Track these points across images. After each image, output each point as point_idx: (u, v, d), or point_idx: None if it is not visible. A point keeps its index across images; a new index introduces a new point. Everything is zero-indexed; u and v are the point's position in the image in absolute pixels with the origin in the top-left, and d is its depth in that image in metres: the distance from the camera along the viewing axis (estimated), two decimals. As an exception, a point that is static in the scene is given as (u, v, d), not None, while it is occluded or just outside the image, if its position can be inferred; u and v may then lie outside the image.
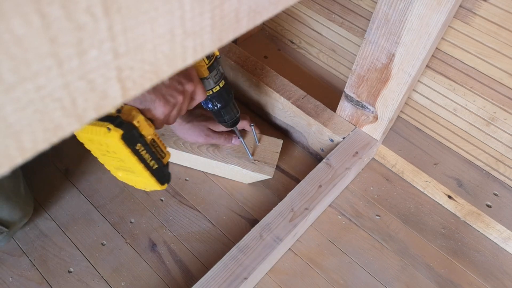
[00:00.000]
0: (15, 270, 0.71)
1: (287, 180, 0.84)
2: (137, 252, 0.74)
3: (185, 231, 0.77)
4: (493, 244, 0.79)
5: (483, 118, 0.77)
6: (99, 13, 0.14)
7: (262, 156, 0.80)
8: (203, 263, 0.73)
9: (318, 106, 0.86)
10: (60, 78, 0.14)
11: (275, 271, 0.72)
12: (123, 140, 0.49)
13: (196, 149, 0.80)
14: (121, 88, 0.17)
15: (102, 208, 0.79)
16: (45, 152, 0.74)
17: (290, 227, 0.69)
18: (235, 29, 0.20)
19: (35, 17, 0.12)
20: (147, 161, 0.53)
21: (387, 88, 0.73)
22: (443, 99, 0.81)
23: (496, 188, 0.81)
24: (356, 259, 0.75)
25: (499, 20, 0.65)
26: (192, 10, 0.17)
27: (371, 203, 0.82)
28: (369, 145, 0.81)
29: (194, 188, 0.83)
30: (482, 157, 0.83)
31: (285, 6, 0.22)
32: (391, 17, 0.64)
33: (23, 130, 0.14)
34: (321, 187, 0.74)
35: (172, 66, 0.18)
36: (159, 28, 0.16)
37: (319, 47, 1.02)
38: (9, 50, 0.13)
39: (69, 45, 0.14)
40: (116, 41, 0.15)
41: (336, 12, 0.92)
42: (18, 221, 0.70)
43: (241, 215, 0.80)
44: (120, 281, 0.71)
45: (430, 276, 0.74)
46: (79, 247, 0.74)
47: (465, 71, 0.74)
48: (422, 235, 0.79)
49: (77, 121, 0.16)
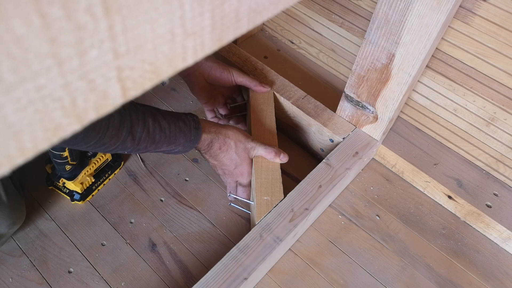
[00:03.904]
0: (15, 270, 0.71)
1: (287, 180, 0.84)
2: (137, 252, 0.74)
3: (185, 231, 0.77)
4: (493, 244, 0.79)
5: (483, 118, 0.77)
6: (99, 13, 0.14)
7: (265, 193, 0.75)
8: (203, 263, 0.73)
9: (318, 106, 0.86)
10: (60, 78, 0.14)
11: (275, 271, 0.72)
12: None
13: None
14: (121, 88, 0.17)
15: (102, 208, 0.79)
16: (45, 152, 0.74)
17: (290, 227, 0.69)
18: (235, 29, 0.20)
19: (35, 17, 0.12)
20: None
21: (387, 88, 0.73)
22: (443, 99, 0.81)
23: (496, 188, 0.81)
24: (356, 259, 0.75)
25: (499, 20, 0.65)
26: (192, 10, 0.17)
27: (371, 203, 0.82)
28: (369, 145, 0.81)
29: (194, 188, 0.83)
30: (482, 157, 0.83)
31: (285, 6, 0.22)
32: (391, 17, 0.64)
33: (23, 130, 0.14)
34: (321, 187, 0.74)
35: (172, 66, 0.18)
36: (159, 28, 0.16)
37: (319, 47, 1.02)
38: (9, 50, 0.13)
39: (69, 45, 0.14)
40: (116, 41, 0.15)
41: (336, 12, 0.92)
42: (7, 229, 0.68)
43: (241, 215, 0.80)
44: (120, 281, 0.71)
45: (430, 276, 0.74)
46: (79, 247, 0.74)
47: (465, 71, 0.74)
48: (422, 235, 0.79)
49: (77, 121, 0.16)
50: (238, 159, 0.73)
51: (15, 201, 0.69)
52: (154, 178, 0.83)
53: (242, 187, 0.76)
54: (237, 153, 0.73)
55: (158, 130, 0.62)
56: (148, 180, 0.83)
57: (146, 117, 0.60)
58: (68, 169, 0.74)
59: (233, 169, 0.74)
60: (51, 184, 0.79)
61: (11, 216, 0.68)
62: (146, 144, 0.61)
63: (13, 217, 0.68)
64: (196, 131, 0.67)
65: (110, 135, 0.56)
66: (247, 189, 0.77)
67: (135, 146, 0.60)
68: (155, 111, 0.63)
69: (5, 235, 0.69)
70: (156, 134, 0.62)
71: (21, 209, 0.71)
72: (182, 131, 0.65)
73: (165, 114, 0.64)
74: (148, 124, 0.60)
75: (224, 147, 0.71)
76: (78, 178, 0.76)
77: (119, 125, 0.56)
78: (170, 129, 0.63)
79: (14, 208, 0.69)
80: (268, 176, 0.74)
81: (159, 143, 0.63)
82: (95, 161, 0.78)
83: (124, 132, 0.57)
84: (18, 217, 0.70)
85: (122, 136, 0.57)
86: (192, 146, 0.68)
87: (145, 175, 0.84)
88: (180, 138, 0.65)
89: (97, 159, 0.78)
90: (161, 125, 0.62)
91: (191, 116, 0.68)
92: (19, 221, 0.70)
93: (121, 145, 0.58)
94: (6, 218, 0.67)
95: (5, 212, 0.67)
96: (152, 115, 0.62)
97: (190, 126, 0.67)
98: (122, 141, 0.58)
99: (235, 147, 0.72)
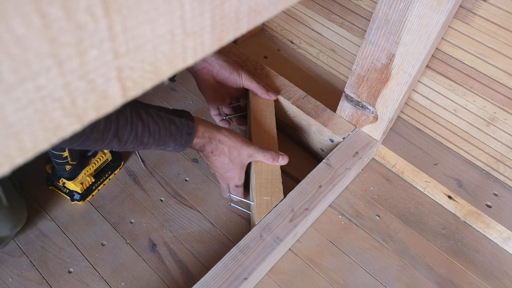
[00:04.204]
0: (15, 270, 0.70)
1: (287, 180, 0.84)
2: (137, 252, 0.74)
3: (185, 231, 0.77)
4: (493, 244, 0.79)
5: (483, 118, 0.77)
6: (99, 13, 0.14)
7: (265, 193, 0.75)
8: (203, 263, 0.73)
9: (318, 106, 0.86)
10: (60, 78, 0.14)
11: (275, 271, 0.72)
12: None
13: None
14: (121, 88, 0.17)
15: (102, 208, 0.79)
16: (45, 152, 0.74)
17: (290, 227, 0.69)
18: (235, 29, 0.20)
19: (35, 17, 0.12)
20: None
21: (387, 88, 0.73)
22: (443, 99, 0.81)
23: (496, 188, 0.81)
24: (356, 259, 0.75)
25: (499, 20, 0.65)
26: (192, 10, 0.17)
27: (371, 203, 0.82)
28: (369, 145, 0.81)
29: (194, 188, 0.83)
30: (482, 157, 0.83)
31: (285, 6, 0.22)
32: (391, 17, 0.64)
33: (23, 130, 0.14)
34: (321, 187, 0.74)
35: (172, 66, 0.18)
36: (159, 28, 0.16)
37: (319, 47, 1.02)
38: (9, 50, 0.13)
39: (69, 45, 0.14)
40: (116, 41, 0.15)
41: (336, 12, 0.92)
42: (9, 231, 0.68)
43: (241, 215, 0.80)
44: (120, 281, 0.71)
45: (430, 276, 0.74)
46: (79, 247, 0.74)
47: (465, 71, 0.74)
48: (422, 235, 0.79)
49: (77, 121, 0.16)
50: (230, 164, 0.73)
51: (16, 203, 0.69)
52: (154, 178, 0.83)
53: (235, 187, 0.77)
54: (230, 159, 0.72)
55: (147, 134, 0.61)
56: (148, 180, 0.83)
57: (135, 121, 0.60)
58: (68, 169, 0.74)
59: (224, 173, 0.74)
60: (51, 184, 0.79)
61: (12, 218, 0.68)
62: (133, 145, 0.61)
63: (15, 219, 0.68)
64: (188, 136, 0.66)
65: (94, 138, 0.55)
66: (239, 189, 0.77)
67: (122, 147, 0.60)
68: (146, 113, 0.62)
69: (8, 237, 0.69)
70: (145, 138, 0.61)
71: (22, 210, 0.71)
72: (172, 136, 0.64)
73: (157, 117, 0.63)
74: (137, 128, 0.60)
75: (216, 152, 0.71)
76: (78, 178, 0.76)
77: (104, 129, 0.56)
78: (160, 133, 0.63)
79: (15, 210, 0.68)
80: (268, 177, 0.74)
81: (147, 144, 0.63)
82: (95, 161, 0.78)
83: (109, 135, 0.57)
84: (20, 219, 0.70)
85: (107, 139, 0.57)
86: (182, 149, 0.68)
87: (145, 175, 0.84)
88: (170, 142, 0.65)
89: (97, 159, 0.78)
90: (150, 129, 0.62)
91: (185, 120, 0.67)
92: (21, 223, 0.70)
93: (106, 146, 0.59)
94: (7, 221, 0.67)
95: (6, 214, 0.66)
96: (142, 119, 0.61)
97: (182, 131, 0.66)
98: (108, 143, 0.58)
99: (228, 153, 0.71)
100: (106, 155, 0.80)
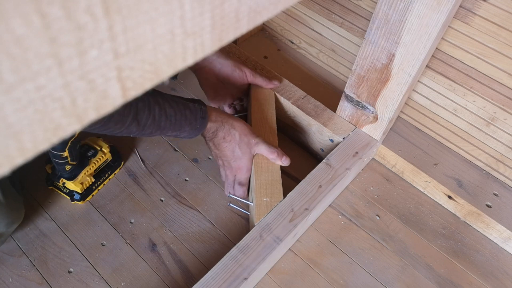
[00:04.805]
0: (15, 270, 0.70)
1: (287, 180, 0.84)
2: (137, 252, 0.74)
3: (185, 231, 0.77)
4: (493, 244, 0.79)
5: (483, 118, 0.77)
6: (99, 13, 0.14)
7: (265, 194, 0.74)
8: (203, 263, 0.73)
9: (318, 106, 0.86)
10: (60, 78, 0.14)
11: (275, 271, 0.72)
12: None
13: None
14: (121, 88, 0.17)
15: (102, 208, 0.79)
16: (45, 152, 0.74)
17: (290, 227, 0.69)
18: (235, 29, 0.20)
19: (35, 17, 0.12)
20: None
21: (387, 88, 0.73)
22: (443, 99, 0.81)
23: (496, 188, 0.81)
24: (356, 259, 0.75)
25: (499, 20, 0.65)
26: (192, 10, 0.17)
27: (371, 203, 0.82)
28: (369, 145, 0.81)
29: (194, 188, 0.83)
30: (482, 157, 0.82)
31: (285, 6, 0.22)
32: (391, 17, 0.64)
33: (23, 130, 0.14)
34: (321, 187, 0.74)
35: (172, 66, 0.18)
36: (159, 28, 0.16)
37: (319, 47, 1.02)
38: (9, 50, 0.13)
39: (69, 45, 0.14)
40: (116, 41, 0.15)
41: (336, 12, 0.92)
42: (5, 228, 0.68)
43: (241, 215, 0.80)
44: (120, 281, 0.71)
45: (430, 276, 0.74)
46: (79, 247, 0.74)
47: (465, 71, 0.74)
48: (422, 235, 0.79)
49: (77, 121, 0.16)
50: (240, 152, 0.74)
51: (13, 200, 0.69)
52: (154, 178, 0.83)
53: (239, 185, 0.76)
54: (240, 146, 0.74)
55: (164, 118, 0.64)
56: (148, 180, 0.83)
57: (153, 105, 0.63)
58: (68, 169, 0.74)
59: (233, 162, 0.75)
60: (51, 184, 0.79)
61: (9, 215, 0.67)
62: (151, 130, 0.64)
63: (11, 216, 0.68)
64: (202, 120, 0.69)
65: (115, 120, 0.58)
66: (244, 188, 0.77)
67: (140, 131, 0.63)
68: (162, 98, 0.65)
69: (4, 234, 0.69)
70: (162, 122, 0.64)
71: (19, 208, 0.71)
72: (187, 120, 0.67)
73: (172, 102, 0.66)
74: (154, 111, 0.63)
75: (228, 137, 0.73)
76: (78, 178, 0.76)
77: (124, 112, 0.59)
78: (176, 117, 0.66)
79: (11, 207, 0.68)
80: (268, 177, 0.74)
81: (164, 129, 0.65)
82: (95, 161, 0.78)
83: (129, 118, 0.60)
84: (17, 216, 0.70)
85: (127, 122, 0.60)
86: (197, 134, 0.70)
87: (145, 175, 0.84)
88: (186, 126, 0.67)
89: (97, 159, 0.78)
90: (167, 113, 0.64)
91: (198, 105, 0.70)
92: (18, 220, 0.70)
93: (126, 130, 0.61)
94: (3, 217, 0.67)
95: (2, 211, 0.66)
96: (158, 103, 0.64)
97: (196, 115, 0.68)
98: (127, 126, 0.61)
99: (239, 139, 0.73)
100: (106, 155, 0.80)
